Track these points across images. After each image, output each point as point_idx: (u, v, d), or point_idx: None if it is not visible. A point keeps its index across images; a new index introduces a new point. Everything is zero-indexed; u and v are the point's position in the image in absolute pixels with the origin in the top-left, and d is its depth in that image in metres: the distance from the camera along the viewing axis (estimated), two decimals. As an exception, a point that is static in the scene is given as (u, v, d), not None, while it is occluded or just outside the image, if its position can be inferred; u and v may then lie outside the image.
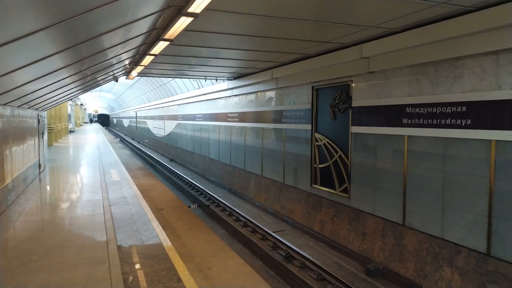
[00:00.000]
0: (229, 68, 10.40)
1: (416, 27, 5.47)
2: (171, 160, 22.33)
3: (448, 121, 5.29)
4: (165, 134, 25.43)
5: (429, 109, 5.60)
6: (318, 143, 8.54)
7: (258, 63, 9.26)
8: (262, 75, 10.54)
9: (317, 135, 8.55)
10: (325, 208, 8.10)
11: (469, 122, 5.00)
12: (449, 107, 5.27)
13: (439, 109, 5.43)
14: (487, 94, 4.75)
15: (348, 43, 6.81)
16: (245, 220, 9.22)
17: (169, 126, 24.12)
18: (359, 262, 6.60)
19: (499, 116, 4.59)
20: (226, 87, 13.27)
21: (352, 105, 7.28)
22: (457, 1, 4.32)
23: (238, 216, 9.66)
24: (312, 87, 8.63)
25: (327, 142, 8.20)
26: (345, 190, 7.58)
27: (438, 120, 5.44)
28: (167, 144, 24.98)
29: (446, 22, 5.01)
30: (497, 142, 4.62)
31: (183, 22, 4.96)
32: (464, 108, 5.07)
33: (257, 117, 11.57)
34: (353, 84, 7.26)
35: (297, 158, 9.38)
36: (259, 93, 11.51)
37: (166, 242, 4.71)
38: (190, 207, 9.72)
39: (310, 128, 8.74)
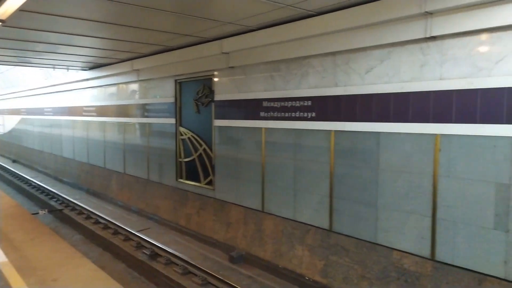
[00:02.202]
0: (83, 57, 9.42)
1: (270, 26, 5.87)
2: (14, 161, 19.20)
3: (297, 114, 5.84)
4: (5, 131, 21.69)
5: (282, 103, 6.08)
6: (182, 137, 8.46)
7: (116, 53, 8.62)
8: (121, 66, 9.87)
9: (182, 129, 8.46)
10: (191, 202, 8.10)
11: (314, 115, 5.61)
12: (298, 102, 5.82)
13: (290, 103, 5.95)
14: (327, 90, 5.40)
15: (209, 38, 6.89)
16: (106, 222, 8.54)
17: (11, 122, 20.65)
18: (224, 251, 6.81)
19: (336, 109, 5.27)
20: (81, 78, 12.01)
21: (215, 99, 7.42)
22: (300, 5, 4.77)
23: (97, 218, 8.89)
24: (175, 81, 8.48)
25: (192, 135, 8.19)
26: (210, 183, 7.71)
27: (290, 113, 5.96)
28: (8, 143, 21.34)
29: (294, 23, 5.50)
30: (335, 132, 5.31)
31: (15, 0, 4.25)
32: (310, 103, 5.66)
33: (119, 111, 10.81)
34: (215, 79, 7.40)
35: (162, 153, 9.12)
36: (120, 85, 10.76)
37: (0, 257, 4.00)
38: (38, 213, 8.51)
39: (175, 122, 8.59)
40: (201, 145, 7.95)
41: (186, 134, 8.34)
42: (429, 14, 4.06)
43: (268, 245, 6.27)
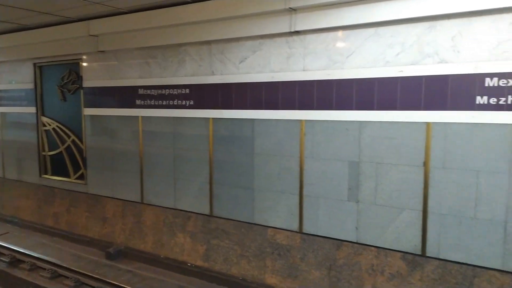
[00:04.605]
0: None
1: (144, 10, 5.62)
2: None
3: (175, 102, 5.78)
4: None
5: (159, 91, 5.94)
6: (46, 128, 7.56)
7: (-48, 27, 7.17)
8: (-38, 45, 8.26)
9: (45, 119, 7.55)
10: (59, 199, 7.35)
11: (192, 103, 5.63)
12: (176, 89, 5.76)
13: (167, 91, 5.84)
14: (204, 78, 5.47)
15: (74, 18, 6.26)
16: None
17: None
18: (100, 248, 6.40)
19: (214, 97, 5.39)
20: None
21: (84, 86, 6.81)
22: (174, -10, 4.71)
23: None
24: (35, 64, 7.50)
25: (57, 126, 7.38)
26: (82, 177, 7.10)
27: (167, 101, 5.86)
28: None
29: (169, 9, 5.38)
30: (213, 119, 5.43)
31: None
32: (187, 90, 5.65)
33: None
34: (84, 63, 6.79)
35: (20, 147, 8.00)
36: (-40, 67, 8.99)
37: None
38: None
39: (35, 111, 7.62)
40: (69, 137, 7.23)
41: (50, 125, 7.48)
42: (293, 10, 4.44)
43: (149, 236, 6.12)
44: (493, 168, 3.64)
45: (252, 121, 5.11)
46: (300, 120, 4.72)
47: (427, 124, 3.92)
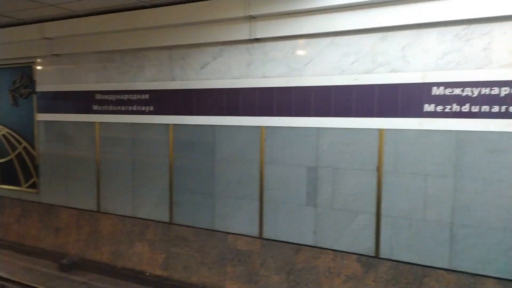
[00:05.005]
0: None
1: (101, 14, 5.50)
2: None
3: (134, 108, 5.67)
4: None
5: (117, 96, 5.80)
6: (-5, 134, 7.17)
7: None
8: None
9: (-6, 125, 7.16)
10: (9, 209, 6.95)
11: (152, 108, 5.54)
12: (135, 95, 5.65)
13: (126, 97, 5.72)
14: (164, 84, 5.40)
15: (27, 20, 6.01)
16: None
17: None
18: (53, 259, 6.10)
19: (174, 103, 5.33)
20: None
21: (37, 90, 6.53)
22: (132, -6, 4.65)
23: None
24: (-17, 67, 7.10)
25: (8, 132, 7.01)
26: (34, 185, 6.76)
27: (126, 107, 5.73)
28: None
29: (127, 13, 5.30)
30: (174, 125, 5.37)
31: None
32: (147, 96, 5.56)
33: None
34: (37, 67, 6.51)
35: (-34, 154, 7.51)
36: None
37: None
38: None
39: (-16, 117, 7.20)
40: (20, 143, 6.88)
41: (0, 131, 7.09)
42: (253, 18, 4.51)
43: (106, 246, 5.91)
44: (440, 172, 3.84)
45: (213, 127, 5.10)
46: (261, 127, 4.76)
47: (380, 130, 4.09)
